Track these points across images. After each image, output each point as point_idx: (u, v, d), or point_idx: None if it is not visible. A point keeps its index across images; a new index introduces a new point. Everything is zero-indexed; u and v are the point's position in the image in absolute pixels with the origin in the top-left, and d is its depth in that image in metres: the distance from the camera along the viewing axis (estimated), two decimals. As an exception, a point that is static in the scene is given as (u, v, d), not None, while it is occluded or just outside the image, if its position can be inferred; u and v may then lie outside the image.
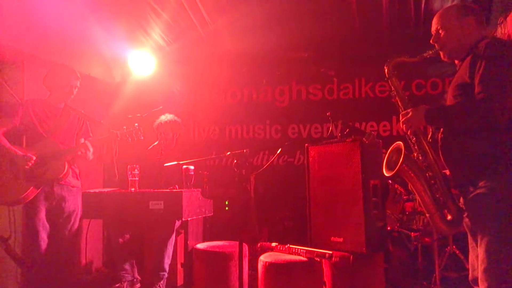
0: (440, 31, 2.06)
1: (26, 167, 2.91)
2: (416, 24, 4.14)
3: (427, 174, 1.98)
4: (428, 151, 2.00)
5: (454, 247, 3.38)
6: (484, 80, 1.80)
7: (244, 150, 2.72)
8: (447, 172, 2.01)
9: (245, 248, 3.48)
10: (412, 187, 2.03)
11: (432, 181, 1.96)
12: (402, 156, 1.95)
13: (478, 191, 1.84)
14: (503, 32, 3.57)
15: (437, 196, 1.95)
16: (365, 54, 4.49)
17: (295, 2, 3.99)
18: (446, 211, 1.94)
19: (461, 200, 1.98)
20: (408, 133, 2.05)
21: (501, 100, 1.75)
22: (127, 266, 3.38)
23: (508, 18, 3.52)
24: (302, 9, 4.07)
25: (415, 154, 2.03)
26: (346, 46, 4.56)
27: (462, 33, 2.01)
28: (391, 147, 2.09)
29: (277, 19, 4.19)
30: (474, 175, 1.86)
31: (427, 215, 2.00)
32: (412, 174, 1.99)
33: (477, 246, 1.86)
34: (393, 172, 1.98)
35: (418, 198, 2.03)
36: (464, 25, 2.01)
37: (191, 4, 4.06)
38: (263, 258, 3.08)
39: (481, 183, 1.83)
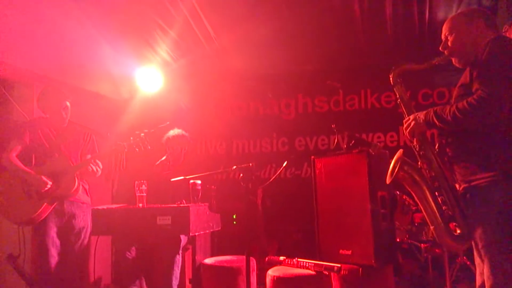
0: (449, 37, 2.01)
1: (43, 190, 2.95)
2: (420, 35, 4.14)
3: (433, 184, 1.92)
4: (434, 160, 1.94)
5: (465, 258, 3.33)
6: (481, 78, 1.75)
7: (250, 164, 2.72)
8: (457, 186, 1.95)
9: (253, 262, 3.46)
10: (415, 196, 1.98)
11: (437, 192, 1.91)
12: (399, 162, 1.92)
13: (479, 196, 1.79)
14: (508, 40, 3.56)
15: (444, 208, 1.89)
16: (370, 65, 4.50)
17: (300, 19, 4.03)
18: (454, 224, 1.87)
19: None
20: (414, 141, 2.00)
21: (497, 99, 1.69)
22: (136, 283, 3.37)
23: (513, 26, 3.51)
24: (307, 25, 4.12)
25: (420, 163, 1.98)
26: (351, 58, 4.59)
27: (470, 37, 1.95)
28: (395, 156, 2.06)
29: (283, 34, 4.23)
30: (476, 180, 1.81)
31: (431, 227, 1.94)
32: (412, 183, 1.94)
33: (482, 262, 1.80)
34: (391, 178, 1.95)
35: (421, 207, 1.97)
36: (472, 29, 1.95)
37: (197, 22, 4.12)
38: (271, 272, 3.06)
39: (482, 189, 1.77)
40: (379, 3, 3.80)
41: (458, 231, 1.87)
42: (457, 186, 1.95)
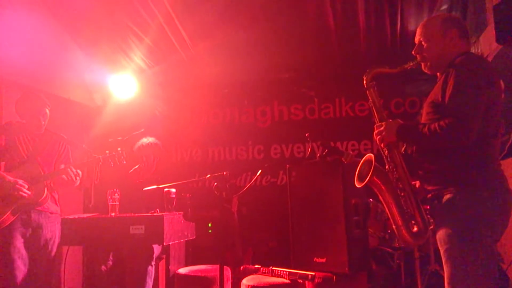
0: (423, 43, 2.02)
1: (22, 193, 2.85)
2: (392, 45, 4.24)
3: (397, 186, 1.96)
4: (400, 163, 1.98)
5: (436, 265, 3.40)
6: (453, 103, 1.80)
7: (224, 173, 2.71)
8: (417, 183, 2.01)
9: (228, 271, 3.44)
10: (382, 199, 2.01)
11: (402, 193, 1.95)
12: (372, 168, 1.95)
13: (444, 204, 1.84)
14: (476, 51, 3.68)
15: (405, 208, 1.94)
16: (345, 74, 4.57)
17: (275, 28, 4.07)
18: (412, 222, 1.92)
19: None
20: (381, 146, 2.03)
21: (468, 124, 1.74)
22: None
23: (480, 38, 3.64)
24: (282, 34, 4.16)
25: (387, 166, 2.01)
26: (326, 67, 4.65)
27: (444, 46, 1.97)
28: (362, 159, 2.08)
29: (258, 42, 4.26)
30: (442, 189, 1.87)
31: (394, 226, 1.98)
32: (382, 187, 1.98)
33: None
34: (363, 183, 1.98)
35: (386, 210, 2.01)
36: (447, 38, 1.97)
37: (173, 29, 4.11)
38: (246, 282, 3.05)
39: (447, 197, 1.83)
40: (352, 14, 3.88)
41: (415, 229, 1.92)
42: (416, 184, 2.01)
